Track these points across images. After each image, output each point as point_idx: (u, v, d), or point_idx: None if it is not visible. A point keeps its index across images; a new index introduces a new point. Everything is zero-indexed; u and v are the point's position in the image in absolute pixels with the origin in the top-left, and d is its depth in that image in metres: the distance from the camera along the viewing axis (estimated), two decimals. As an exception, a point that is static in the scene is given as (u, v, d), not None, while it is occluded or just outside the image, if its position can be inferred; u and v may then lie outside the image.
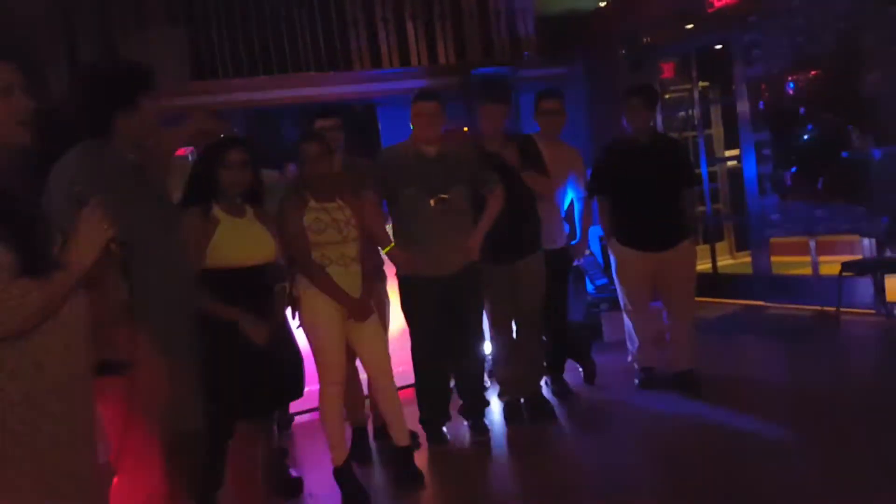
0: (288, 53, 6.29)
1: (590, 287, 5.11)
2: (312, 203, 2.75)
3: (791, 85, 4.94)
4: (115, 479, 1.99)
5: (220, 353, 2.26)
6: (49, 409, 1.42)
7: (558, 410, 3.58)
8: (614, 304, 4.41)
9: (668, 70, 6.84)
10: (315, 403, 2.83)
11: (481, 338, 3.43)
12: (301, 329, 2.82)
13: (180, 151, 3.38)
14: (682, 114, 6.96)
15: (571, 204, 3.90)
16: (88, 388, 1.58)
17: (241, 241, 2.40)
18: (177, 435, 2.01)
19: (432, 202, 3.10)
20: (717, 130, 6.98)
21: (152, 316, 1.86)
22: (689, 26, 6.12)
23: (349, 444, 2.97)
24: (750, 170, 5.65)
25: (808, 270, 5.35)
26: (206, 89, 5.81)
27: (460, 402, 3.43)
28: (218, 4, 6.10)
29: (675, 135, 6.33)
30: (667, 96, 6.81)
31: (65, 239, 1.50)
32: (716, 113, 6.97)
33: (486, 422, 3.41)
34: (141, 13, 5.84)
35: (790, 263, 5.73)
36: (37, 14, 5.31)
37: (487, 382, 3.60)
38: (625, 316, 3.82)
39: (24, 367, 1.39)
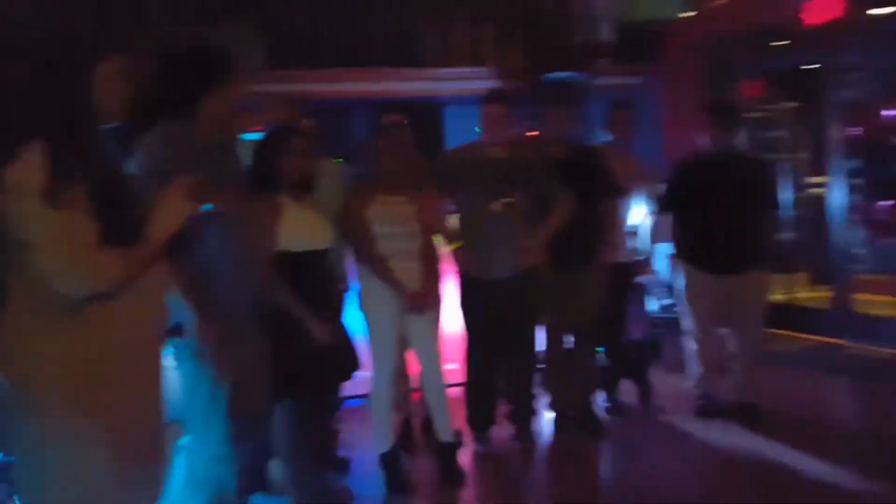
0: (359, 47, 6.35)
1: (653, 306, 4.93)
2: (378, 196, 2.79)
3: (889, 113, 4.62)
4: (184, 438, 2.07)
5: (283, 332, 2.31)
6: (122, 367, 1.51)
7: (608, 428, 3.47)
8: (677, 326, 4.24)
9: (752, 88, 6.55)
10: (366, 390, 2.89)
11: (534, 345, 3.37)
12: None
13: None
14: (766, 135, 6.65)
15: (640, 218, 3.78)
16: (158, 352, 1.68)
17: (306, 226, 2.46)
18: (244, 415, 2.07)
19: (495, 206, 3.07)
20: (804, 155, 6.63)
21: (224, 296, 1.93)
22: (777, 43, 5.83)
23: (396, 433, 3.01)
24: (837, 199, 5.33)
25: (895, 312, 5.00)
26: (278, 78, 5.92)
27: (509, 406, 3.38)
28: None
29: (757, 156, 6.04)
30: (750, 115, 6.52)
31: (147, 212, 1.56)
32: (803, 136, 6.63)
33: (533, 430, 3.36)
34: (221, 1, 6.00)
35: (876, 303, 5.37)
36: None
37: (537, 391, 3.55)
38: (688, 339, 3.68)
39: (101, 330, 1.49)
